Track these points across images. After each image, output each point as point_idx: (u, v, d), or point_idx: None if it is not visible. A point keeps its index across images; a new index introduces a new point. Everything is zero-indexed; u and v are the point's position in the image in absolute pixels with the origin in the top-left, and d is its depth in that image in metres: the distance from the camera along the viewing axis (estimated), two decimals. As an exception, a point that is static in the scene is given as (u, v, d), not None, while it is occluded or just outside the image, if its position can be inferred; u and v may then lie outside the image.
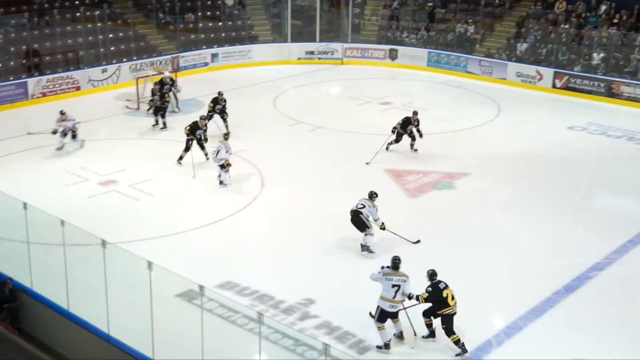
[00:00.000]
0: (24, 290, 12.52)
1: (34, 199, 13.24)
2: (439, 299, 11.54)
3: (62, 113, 20.24)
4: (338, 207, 16.17)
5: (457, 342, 11.60)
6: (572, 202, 17.44)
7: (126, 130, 22.03)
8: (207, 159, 19.18)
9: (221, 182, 17.87)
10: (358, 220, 14.60)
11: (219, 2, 32.12)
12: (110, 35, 28.36)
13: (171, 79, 23.67)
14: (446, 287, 11.61)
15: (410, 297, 11.69)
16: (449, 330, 11.64)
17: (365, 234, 14.65)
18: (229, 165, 17.82)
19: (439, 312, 11.60)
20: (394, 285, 11.53)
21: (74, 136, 20.28)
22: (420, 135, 20.00)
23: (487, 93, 27.21)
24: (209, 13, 32.01)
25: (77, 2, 29.06)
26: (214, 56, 30.68)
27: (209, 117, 21.01)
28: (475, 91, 27.57)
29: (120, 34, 29.06)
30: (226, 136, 18.25)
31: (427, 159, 19.94)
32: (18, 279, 12.60)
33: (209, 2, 32.27)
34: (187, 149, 19.00)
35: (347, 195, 17.24)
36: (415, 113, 19.93)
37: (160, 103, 21.95)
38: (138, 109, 24.23)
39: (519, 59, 28.98)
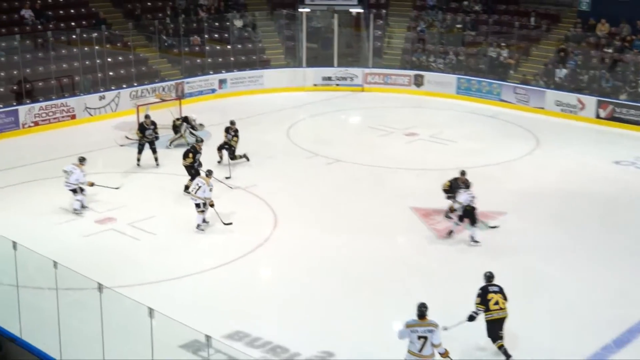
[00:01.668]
0: (12, 339, 12.45)
1: (24, 238, 13.26)
2: (484, 301, 12.44)
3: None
4: (357, 248, 16.17)
5: (500, 347, 12.40)
6: (621, 245, 17.27)
7: (126, 163, 22.13)
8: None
9: (199, 226, 17.65)
10: (473, 214, 16.81)
11: (228, 23, 32.44)
12: (109, 59, 28.66)
13: (194, 121, 24.29)
14: (497, 291, 12.54)
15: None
16: (492, 337, 12.48)
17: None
18: (212, 205, 17.64)
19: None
20: (420, 337, 11.44)
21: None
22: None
23: (523, 124, 27.19)
24: (216, 35, 32.34)
25: (73, 24, 29.43)
26: (222, 82, 30.91)
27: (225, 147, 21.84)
28: (510, 121, 27.57)
29: (120, 58, 29.37)
30: (209, 173, 18.03)
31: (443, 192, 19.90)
32: (5, 326, 12.54)
33: (217, 24, 32.60)
34: (192, 176, 19.20)
35: (367, 237, 17.30)
36: (463, 173, 18.29)
37: (154, 138, 21.96)
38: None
39: (558, 86, 29.00)
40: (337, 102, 30.39)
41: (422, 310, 11.56)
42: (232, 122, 22.05)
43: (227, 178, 20.75)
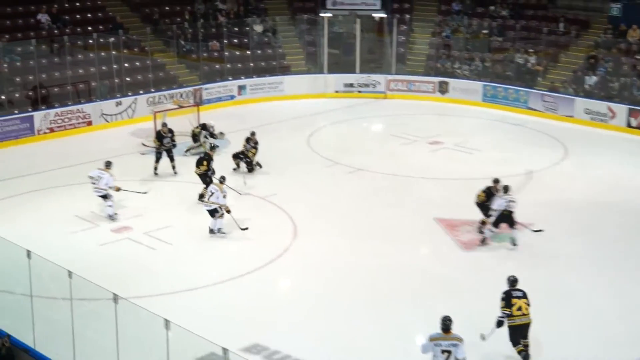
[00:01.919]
0: (25, 350, 12.53)
1: (38, 247, 13.33)
2: (508, 305, 12.59)
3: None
4: (379, 259, 16.15)
5: (520, 352, 12.57)
6: (652, 259, 17.18)
7: (143, 171, 22.23)
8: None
9: (212, 231, 17.81)
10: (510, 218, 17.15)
11: (247, 28, 32.55)
12: (126, 65, 28.83)
13: (212, 128, 24.26)
14: (521, 296, 12.67)
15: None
16: (513, 341, 12.65)
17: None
18: (228, 211, 17.83)
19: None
20: (443, 351, 11.41)
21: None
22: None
23: (551, 132, 27.07)
24: (235, 40, 32.44)
25: (89, 29, 29.62)
26: (241, 88, 31.01)
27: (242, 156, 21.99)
28: (538, 130, 27.44)
29: (137, 63, 29.54)
30: (222, 179, 18.24)
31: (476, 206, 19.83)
32: (18, 336, 12.62)
33: (236, 29, 32.72)
34: (206, 184, 19.33)
35: (389, 247, 17.29)
36: (496, 181, 18.11)
37: (172, 146, 22.07)
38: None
39: (588, 94, 28.85)
40: (359, 110, 30.39)
41: (446, 323, 11.52)
42: (253, 133, 22.20)
43: (244, 184, 20.85)
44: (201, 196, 19.22)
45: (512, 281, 12.99)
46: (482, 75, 31.50)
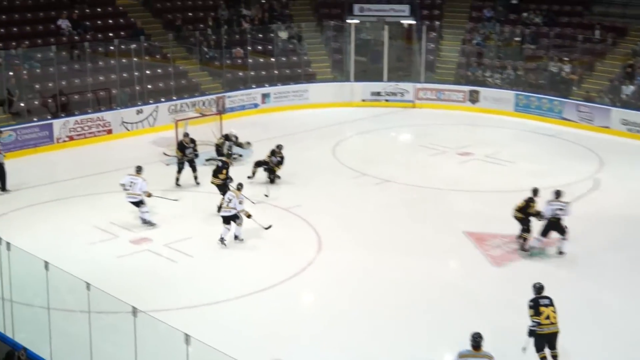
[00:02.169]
0: (41, 364, 12.62)
1: (56, 258, 13.43)
2: (537, 313, 12.67)
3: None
4: (405, 273, 16.10)
5: (543, 359, 12.72)
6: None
7: (165, 181, 22.32)
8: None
9: (223, 240, 18.02)
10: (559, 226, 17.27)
11: (272, 35, 32.68)
12: (148, 72, 29.03)
13: (235, 137, 24.30)
14: (548, 304, 12.78)
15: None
16: (538, 347, 12.76)
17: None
18: (249, 216, 18.17)
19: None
20: (474, 369, 11.39)
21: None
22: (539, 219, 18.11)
23: (586, 143, 26.90)
24: (259, 47, 32.60)
25: (110, 35, 29.88)
26: (265, 96, 31.12)
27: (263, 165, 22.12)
28: (573, 141, 27.29)
29: (159, 70, 29.75)
30: (239, 187, 18.51)
31: (515, 220, 19.72)
32: (35, 349, 12.68)
33: (260, 35, 32.86)
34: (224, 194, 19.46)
35: (416, 261, 17.26)
36: (535, 192, 18.10)
37: (194, 156, 22.17)
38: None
39: (625, 103, 28.66)
40: (386, 119, 30.38)
41: (476, 340, 11.49)
42: (280, 147, 22.17)
43: (266, 196, 21.02)
44: (220, 208, 19.29)
45: (539, 288, 13.10)
46: (514, 84, 31.38)
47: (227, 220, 18.01)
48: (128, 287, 15.29)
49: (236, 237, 18.14)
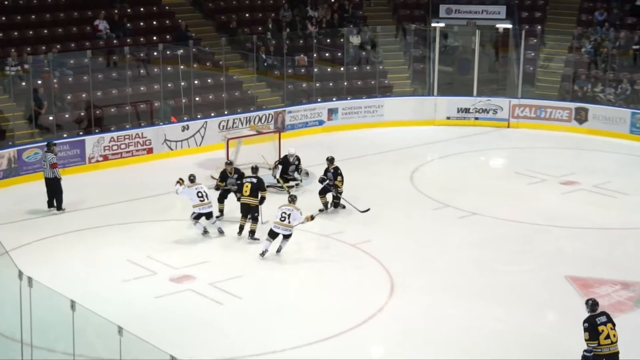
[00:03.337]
0: (63, 419, 12.81)
1: (83, 297, 13.70)
2: (594, 335, 13.10)
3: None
4: (494, 325, 15.97)
5: None
6: None
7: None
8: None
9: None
10: None
11: (342, 40, 32.85)
12: (196, 82, 29.41)
13: (297, 158, 24.29)
14: (606, 322, 13.21)
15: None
16: None
17: None
18: (312, 218, 19.54)
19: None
20: None
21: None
22: None
23: None
24: (327, 55, 32.84)
25: (154, 38, 30.34)
26: (332, 112, 31.28)
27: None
28: (700, 170, 26.96)
29: (209, 80, 30.13)
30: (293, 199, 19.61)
31: (629, 263, 19.47)
32: (57, 402, 12.96)
33: (328, 40, 33.06)
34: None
35: (506, 312, 17.12)
36: None
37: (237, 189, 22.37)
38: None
39: None
40: (475, 141, 30.33)
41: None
42: (331, 160, 22.51)
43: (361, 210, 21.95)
44: (252, 232, 20.43)
45: (592, 304, 13.47)
46: (630, 101, 31.07)
47: (273, 235, 19.16)
48: (166, 332, 15.49)
49: (279, 250, 19.43)
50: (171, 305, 17.36)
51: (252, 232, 20.43)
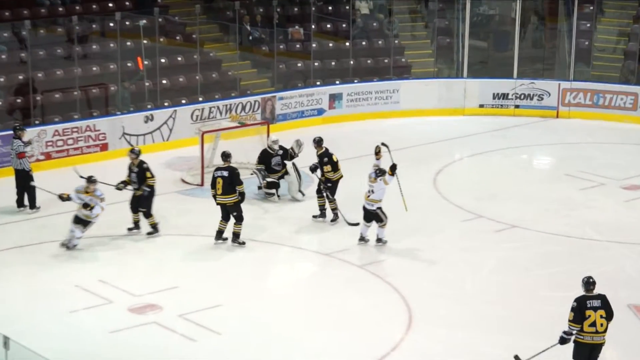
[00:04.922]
0: None
1: (20, 331, 13.68)
2: (578, 319, 14.03)
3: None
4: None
5: None
6: None
7: (180, 220, 22.58)
8: None
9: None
10: None
11: (347, 7, 32.72)
12: (162, 60, 29.43)
13: (282, 147, 24.37)
14: (597, 307, 14.04)
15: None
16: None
17: None
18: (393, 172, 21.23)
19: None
20: None
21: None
22: None
23: None
24: (329, 26, 32.81)
25: (110, 5, 30.29)
26: (335, 98, 31.30)
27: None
28: None
29: (179, 59, 30.14)
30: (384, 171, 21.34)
31: None
32: None
33: (330, 8, 32.96)
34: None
35: (556, 347, 17.12)
36: None
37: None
38: (202, 184, 24.79)
39: None
40: (515, 134, 30.49)
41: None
42: (318, 142, 23.14)
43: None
44: (235, 236, 20.59)
45: (587, 283, 14.40)
46: None
47: (369, 217, 20.83)
48: (124, 376, 15.55)
49: (379, 240, 21.05)
50: (130, 342, 17.29)
51: (235, 235, 20.45)
